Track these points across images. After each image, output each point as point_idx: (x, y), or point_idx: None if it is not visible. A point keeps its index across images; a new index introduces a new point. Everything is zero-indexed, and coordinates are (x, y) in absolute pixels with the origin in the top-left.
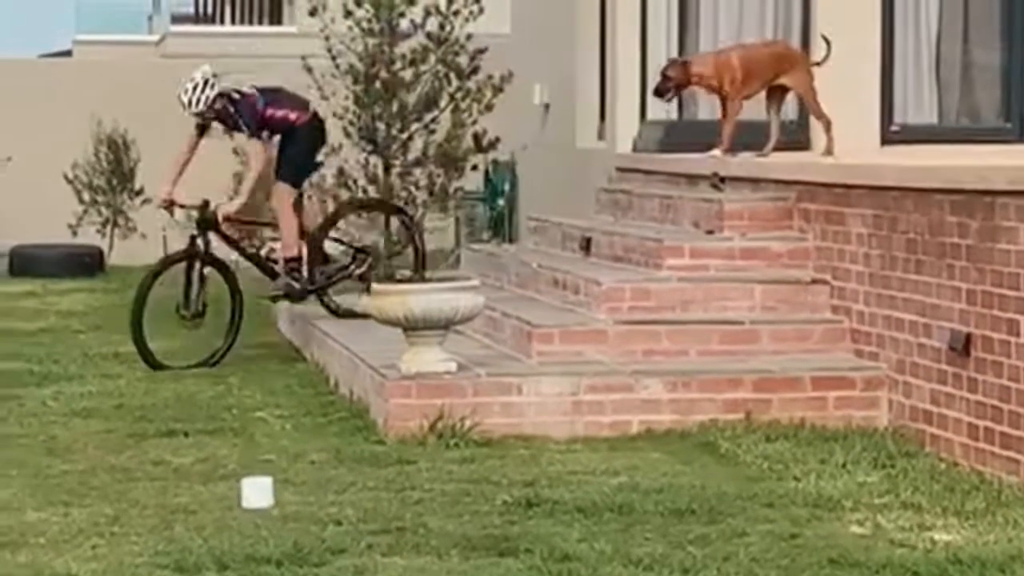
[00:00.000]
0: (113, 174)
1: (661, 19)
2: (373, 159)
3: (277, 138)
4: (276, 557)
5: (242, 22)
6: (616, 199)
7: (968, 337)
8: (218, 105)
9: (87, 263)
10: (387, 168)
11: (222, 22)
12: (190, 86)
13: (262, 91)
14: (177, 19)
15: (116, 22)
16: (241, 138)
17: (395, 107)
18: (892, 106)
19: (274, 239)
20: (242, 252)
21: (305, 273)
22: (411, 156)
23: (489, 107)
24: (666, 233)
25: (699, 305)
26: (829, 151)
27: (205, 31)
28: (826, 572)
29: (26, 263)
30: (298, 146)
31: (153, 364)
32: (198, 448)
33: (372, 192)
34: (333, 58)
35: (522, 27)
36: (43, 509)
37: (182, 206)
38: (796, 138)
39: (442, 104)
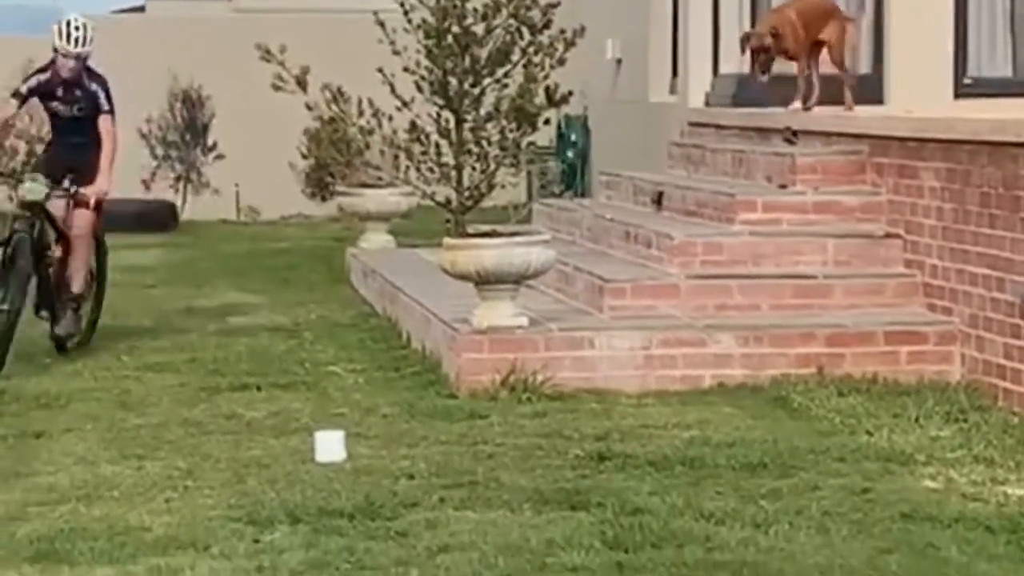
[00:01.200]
0: (187, 129)
1: None
2: (445, 114)
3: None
4: (348, 510)
5: None
6: (688, 153)
7: None
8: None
9: (160, 218)
10: (459, 123)
11: None
12: (81, 24)
13: None
14: None
15: None
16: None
17: (467, 62)
18: (966, 59)
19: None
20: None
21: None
22: (483, 111)
23: (561, 61)
24: (738, 187)
25: (771, 260)
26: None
27: None
28: (898, 526)
29: None
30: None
31: None
32: (271, 402)
33: (445, 147)
34: (405, 12)
35: None
36: (117, 463)
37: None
38: (869, 92)
39: (514, 59)
